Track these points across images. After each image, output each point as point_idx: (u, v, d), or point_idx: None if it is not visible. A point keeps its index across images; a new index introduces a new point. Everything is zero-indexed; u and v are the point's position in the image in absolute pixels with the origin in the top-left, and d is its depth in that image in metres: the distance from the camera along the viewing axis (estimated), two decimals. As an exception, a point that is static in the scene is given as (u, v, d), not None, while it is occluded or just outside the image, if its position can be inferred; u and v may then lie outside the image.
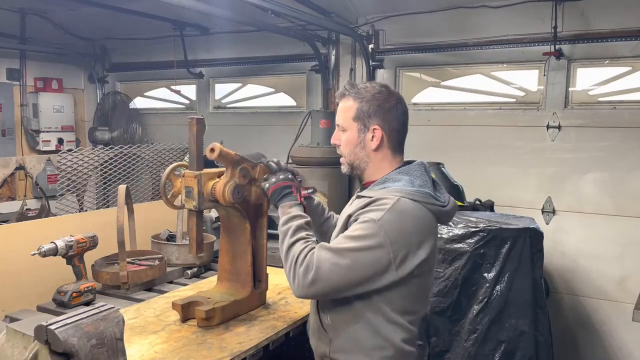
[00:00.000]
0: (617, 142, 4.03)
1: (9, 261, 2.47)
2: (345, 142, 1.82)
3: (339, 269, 1.61)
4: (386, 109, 1.78)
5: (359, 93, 1.79)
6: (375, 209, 1.65)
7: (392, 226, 1.62)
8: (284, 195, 1.86)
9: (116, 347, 1.36)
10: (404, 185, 1.72)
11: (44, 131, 6.14)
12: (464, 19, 4.42)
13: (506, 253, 3.10)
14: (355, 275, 1.62)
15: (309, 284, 1.61)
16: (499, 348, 3.06)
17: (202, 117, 2.00)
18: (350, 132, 1.80)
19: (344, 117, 1.81)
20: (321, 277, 1.60)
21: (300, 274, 1.62)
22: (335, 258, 1.61)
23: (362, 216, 1.66)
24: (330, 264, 1.61)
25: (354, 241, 1.62)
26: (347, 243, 1.63)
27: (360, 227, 1.64)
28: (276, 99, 5.78)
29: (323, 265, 1.61)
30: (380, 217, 1.62)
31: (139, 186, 4.41)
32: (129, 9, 4.95)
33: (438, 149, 4.45)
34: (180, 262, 2.82)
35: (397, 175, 1.76)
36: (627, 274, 4.07)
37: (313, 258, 1.62)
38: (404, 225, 1.64)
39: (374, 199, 1.69)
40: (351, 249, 1.62)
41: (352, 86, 1.82)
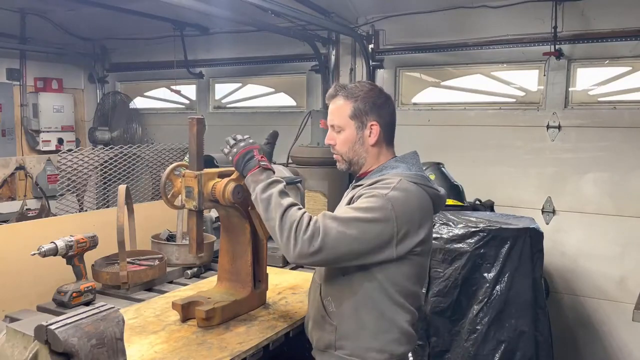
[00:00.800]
0: (617, 142, 4.03)
1: (9, 261, 2.47)
2: (343, 140, 1.86)
3: (346, 239, 1.62)
4: (379, 105, 1.85)
5: (352, 92, 1.84)
6: (382, 187, 1.70)
7: (398, 202, 1.67)
8: (247, 160, 1.82)
9: (116, 347, 1.35)
10: (402, 170, 1.80)
11: (44, 131, 6.14)
12: (464, 19, 4.42)
13: (506, 253, 3.10)
14: (360, 246, 1.65)
15: (314, 251, 1.60)
16: (499, 348, 3.06)
17: (202, 117, 1.99)
18: (348, 131, 1.84)
19: (340, 117, 1.85)
20: (327, 245, 1.61)
21: (305, 241, 1.60)
22: (343, 227, 1.63)
23: (369, 191, 1.70)
24: (337, 232, 1.62)
25: (362, 212, 1.65)
26: (354, 213, 1.66)
27: (368, 200, 1.67)
28: (276, 99, 5.78)
29: (330, 233, 1.61)
30: (387, 192, 1.67)
31: (139, 186, 4.41)
32: (129, 9, 4.95)
33: (438, 149, 4.45)
34: (180, 262, 2.82)
35: (394, 163, 1.84)
36: (627, 274, 4.07)
37: (318, 225, 1.62)
38: (409, 202, 1.70)
39: (374, 180, 1.76)
40: (359, 219, 1.64)
41: (342, 86, 1.88)
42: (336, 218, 1.65)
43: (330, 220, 1.64)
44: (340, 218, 1.65)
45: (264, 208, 1.71)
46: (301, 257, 1.62)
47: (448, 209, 3.46)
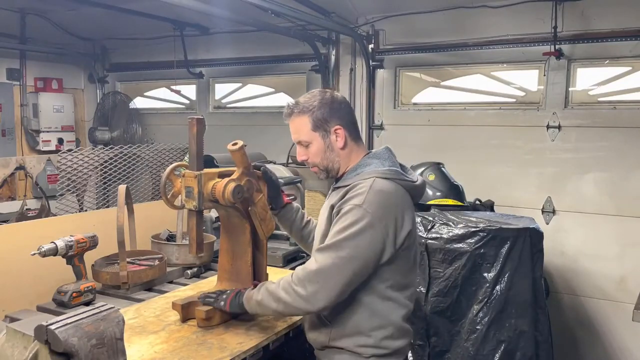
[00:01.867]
0: (617, 142, 4.03)
1: (9, 261, 2.47)
2: (315, 153, 1.91)
3: (342, 261, 1.67)
4: (336, 108, 1.89)
5: (306, 106, 1.89)
6: (355, 195, 1.74)
7: (375, 206, 1.71)
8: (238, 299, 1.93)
9: (116, 347, 1.36)
10: (375, 166, 1.84)
11: (44, 131, 6.14)
12: (464, 19, 4.42)
13: (506, 253, 3.10)
14: (359, 263, 1.69)
15: (314, 291, 1.67)
16: (499, 348, 3.06)
17: (202, 117, 1.99)
18: (315, 143, 1.89)
19: (304, 133, 1.90)
20: (328, 275, 1.66)
21: (303, 292, 1.69)
22: (335, 253, 1.68)
23: (344, 206, 1.74)
24: (331, 261, 1.67)
25: (346, 230, 1.69)
26: (339, 235, 1.70)
27: (347, 217, 1.71)
28: (276, 99, 5.78)
29: (325, 265, 1.67)
30: (362, 200, 1.71)
31: (139, 186, 4.41)
32: (129, 9, 4.95)
33: (438, 149, 4.45)
34: (180, 262, 2.82)
35: (367, 160, 1.89)
36: (627, 274, 4.07)
37: (305, 270, 1.71)
38: (385, 201, 1.75)
39: (350, 186, 1.80)
40: (346, 238, 1.68)
41: (295, 103, 1.92)
42: (325, 248, 1.71)
43: (320, 254, 1.71)
44: (328, 245, 1.71)
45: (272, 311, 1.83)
46: (320, 301, 1.68)
47: (448, 209, 3.46)
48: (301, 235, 2.20)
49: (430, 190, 3.70)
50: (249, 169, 2.04)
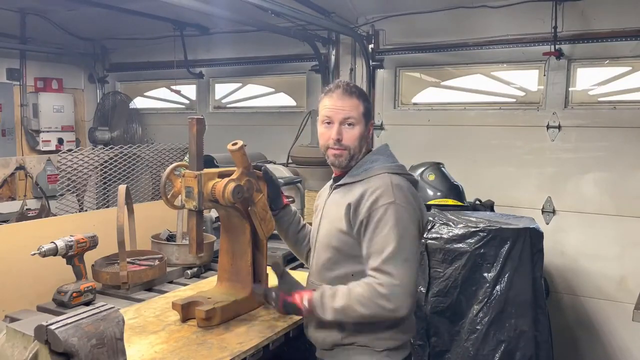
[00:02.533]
0: (618, 142, 4.03)
1: (9, 261, 2.47)
2: (355, 136, 1.91)
3: (410, 263, 1.74)
4: None
5: (362, 93, 1.97)
6: (381, 194, 1.79)
7: (404, 199, 1.80)
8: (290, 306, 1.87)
9: (116, 347, 1.36)
10: (382, 163, 1.91)
11: (44, 131, 6.14)
12: (464, 19, 4.42)
13: (506, 253, 3.10)
14: (417, 257, 1.81)
15: (400, 295, 1.70)
16: (499, 348, 3.06)
17: (202, 117, 1.99)
18: (359, 127, 1.92)
19: (357, 113, 1.92)
20: (407, 284, 1.71)
21: (389, 305, 1.69)
22: (401, 257, 1.72)
23: (375, 207, 1.77)
24: (404, 269, 1.72)
25: (396, 230, 1.74)
26: (394, 238, 1.73)
27: (387, 217, 1.75)
28: (276, 99, 5.78)
29: (403, 274, 1.71)
30: (393, 196, 1.77)
31: (139, 186, 4.41)
32: (129, 9, 4.95)
33: (438, 149, 4.45)
34: (180, 262, 2.82)
35: (372, 156, 1.95)
36: (627, 274, 4.07)
37: (383, 280, 1.71)
38: (409, 195, 1.84)
39: (363, 182, 1.85)
40: (402, 237, 1.74)
41: (355, 86, 1.97)
42: (391, 259, 1.72)
43: (391, 266, 1.71)
44: (393, 254, 1.72)
45: (347, 318, 1.78)
46: (404, 308, 1.71)
47: (448, 209, 3.46)
48: (296, 238, 2.19)
49: (431, 190, 3.70)
50: (249, 169, 2.04)
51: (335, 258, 1.89)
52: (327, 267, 1.91)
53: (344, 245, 1.86)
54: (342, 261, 1.88)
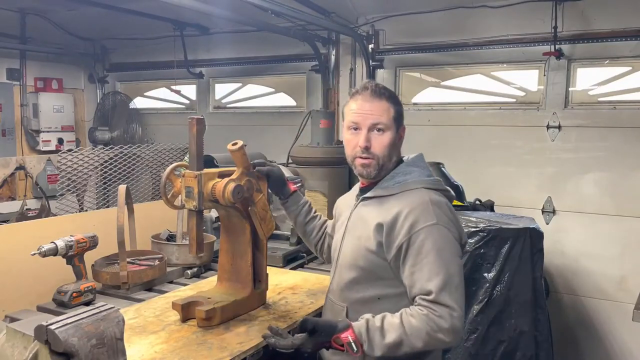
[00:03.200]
0: (617, 142, 4.03)
1: (9, 261, 2.47)
2: (385, 143, 1.77)
3: (460, 289, 1.62)
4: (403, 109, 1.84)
5: (392, 94, 1.81)
6: (420, 214, 1.65)
7: (446, 219, 1.68)
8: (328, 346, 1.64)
9: (116, 347, 1.35)
10: (419, 176, 1.77)
11: (44, 131, 6.14)
12: (464, 19, 4.42)
13: (506, 253, 3.10)
14: (462, 271, 1.67)
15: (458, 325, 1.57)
16: (499, 348, 3.06)
17: (202, 117, 1.99)
18: (390, 133, 1.78)
19: (387, 118, 1.77)
20: (460, 312, 1.59)
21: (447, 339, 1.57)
22: (452, 283, 1.60)
23: (415, 230, 1.64)
24: (456, 296, 1.59)
25: (443, 254, 1.62)
26: (442, 264, 1.60)
27: (430, 240, 1.62)
28: (276, 99, 5.78)
29: (457, 304, 1.58)
30: (434, 217, 1.65)
31: (139, 186, 4.41)
32: (129, 9, 4.95)
33: (438, 149, 4.44)
34: (180, 262, 2.82)
35: (406, 168, 1.80)
36: (627, 274, 4.07)
37: (441, 312, 1.56)
38: (450, 213, 1.71)
39: (396, 197, 1.72)
40: (450, 262, 1.62)
41: (384, 87, 1.82)
42: (443, 287, 1.58)
43: (446, 296, 1.57)
44: (445, 283, 1.58)
45: (397, 353, 1.60)
46: (460, 335, 1.61)
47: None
48: (304, 230, 2.16)
49: (431, 190, 3.70)
50: (249, 169, 2.04)
51: (360, 279, 1.75)
52: (351, 287, 1.78)
53: (371, 265, 1.72)
54: (368, 283, 1.74)
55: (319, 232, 2.17)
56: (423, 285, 1.59)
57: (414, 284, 1.62)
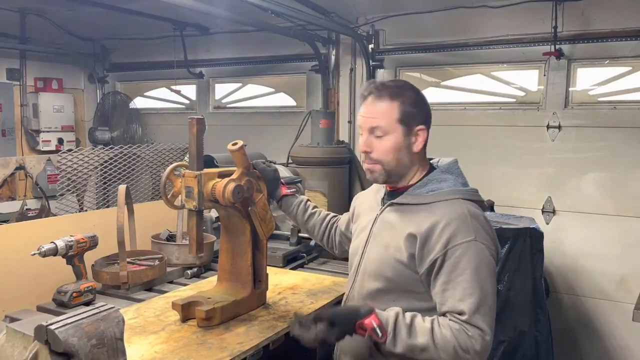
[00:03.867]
0: (617, 142, 4.03)
1: (9, 261, 2.47)
2: (388, 148, 1.64)
3: (492, 308, 1.54)
4: (424, 104, 1.68)
5: (398, 92, 1.64)
6: (458, 228, 1.55)
7: (484, 233, 1.58)
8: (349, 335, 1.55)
9: (116, 347, 1.35)
10: (453, 185, 1.66)
11: (44, 131, 6.14)
12: (464, 19, 4.42)
13: (506, 253, 3.10)
14: (496, 294, 1.58)
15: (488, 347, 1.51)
16: (499, 348, 3.06)
17: (202, 117, 1.99)
18: (394, 136, 1.64)
19: (386, 120, 1.63)
20: (491, 333, 1.51)
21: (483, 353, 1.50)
22: (486, 303, 1.51)
23: (452, 244, 1.53)
24: (489, 317, 1.51)
25: (480, 273, 1.52)
26: (478, 283, 1.51)
27: (468, 257, 1.52)
28: (276, 99, 5.78)
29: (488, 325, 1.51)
30: (472, 232, 1.55)
31: (139, 186, 4.41)
32: (129, 9, 4.95)
33: (438, 149, 4.40)
34: (180, 262, 2.82)
35: (440, 175, 1.69)
36: (627, 274, 4.07)
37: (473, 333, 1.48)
38: (487, 227, 1.61)
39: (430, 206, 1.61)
40: (485, 282, 1.53)
41: (384, 85, 1.66)
42: (476, 309, 1.49)
43: (478, 318, 1.49)
44: (479, 303, 1.50)
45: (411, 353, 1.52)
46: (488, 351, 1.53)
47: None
48: (306, 228, 2.16)
49: (430, 190, 3.70)
50: (249, 169, 2.04)
51: (386, 290, 1.65)
52: (375, 298, 1.66)
53: (400, 277, 1.62)
54: (394, 295, 1.64)
55: (321, 227, 2.15)
56: (455, 304, 1.51)
57: (445, 301, 1.53)
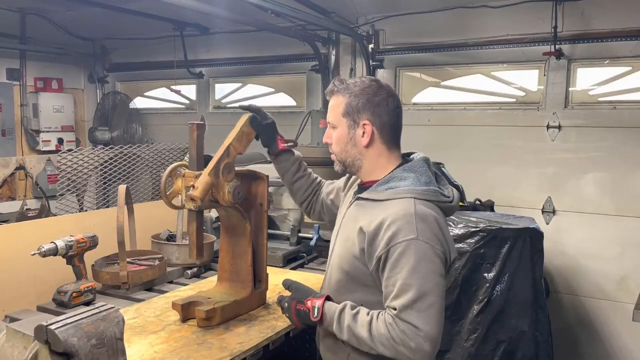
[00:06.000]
0: (617, 142, 4.03)
1: (9, 261, 2.47)
2: (336, 140, 1.76)
3: (436, 308, 1.54)
4: (376, 102, 1.70)
5: (348, 88, 1.73)
6: (402, 227, 1.56)
7: (429, 234, 1.57)
8: (304, 314, 1.71)
9: (116, 347, 1.35)
10: (412, 184, 1.66)
11: (44, 131, 6.14)
12: (464, 19, 4.42)
13: (506, 253, 3.10)
14: (442, 295, 1.58)
15: (425, 346, 1.53)
16: (499, 348, 3.06)
17: (202, 122, 2.00)
18: (340, 129, 1.74)
19: (334, 114, 1.76)
20: (432, 331, 1.53)
21: (409, 354, 1.52)
22: (426, 303, 1.52)
23: (394, 243, 1.56)
24: (429, 316, 1.52)
25: (418, 271, 1.53)
26: (417, 281, 1.53)
27: (409, 255, 1.54)
28: (276, 99, 5.78)
29: (425, 323, 1.52)
30: (415, 231, 1.55)
31: (139, 186, 4.41)
32: (129, 9, 4.95)
33: (438, 149, 4.44)
34: (180, 262, 2.81)
35: (402, 173, 1.69)
36: (627, 274, 4.07)
37: (405, 328, 1.51)
38: (434, 228, 1.60)
39: (384, 205, 1.63)
40: (426, 279, 1.53)
41: (340, 82, 1.76)
42: (412, 304, 1.51)
43: (409, 313, 1.51)
44: (414, 300, 1.51)
45: (355, 343, 1.61)
46: (428, 353, 1.55)
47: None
48: (291, 188, 2.15)
49: (430, 190, 3.70)
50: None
51: (345, 282, 1.73)
52: (338, 290, 1.75)
53: (355, 271, 1.69)
54: (352, 287, 1.71)
55: (307, 191, 2.13)
56: (391, 301, 1.55)
57: (387, 297, 1.58)
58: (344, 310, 1.63)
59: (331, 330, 1.65)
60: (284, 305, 1.77)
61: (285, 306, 1.77)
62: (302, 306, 1.71)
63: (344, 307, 1.64)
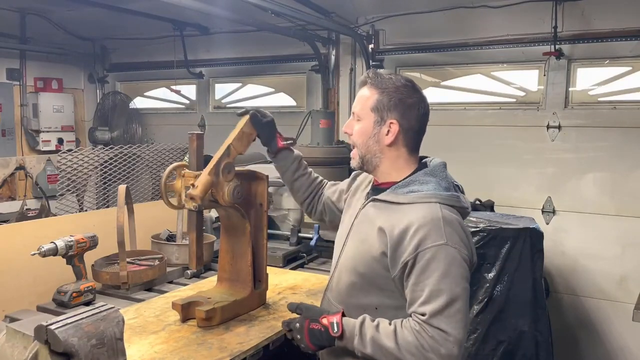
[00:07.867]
0: (617, 142, 4.03)
1: (9, 261, 2.47)
2: (359, 131, 1.72)
3: (462, 313, 1.53)
4: (407, 105, 1.69)
5: (382, 83, 1.70)
6: (429, 232, 1.54)
7: (457, 239, 1.57)
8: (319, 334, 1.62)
9: (116, 347, 1.35)
10: (435, 189, 1.64)
11: (44, 131, 6.14)
12: (464, 19, 4.42)
13: (506, 253, 3.10)
14: (468, 298, 1.58)
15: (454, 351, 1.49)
16: (499, 348, 3.06)
17: (202, 133, 2.03)
18: (365, 122, 1.71)
19: (362, 106, 1.72)
20: (459, 337, 1.50)
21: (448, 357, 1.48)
22: (454, 308, 1.51)
23: (423, 247, 1.53)
24: (457, 322, 1.50)
25: (448, 276, 1.52)
26: (446, 287, 1.52)
27: (438, 261, 1.52)
28: (276, 99, 5.78)
29: (455, 329, 1.49)
30: (444, 236, 1.54)
31: (139, 186, 4.41)
32: (129, 9, 4.95)
33: (438, 148, 4.40)
34: (180, 262, 2.82)
35: (424, 177, 1.68)
36: (627, 274, 4.07)
37: (436, 335, 1.48)
38: (461, 233, 1.60)
39: (406, 207, 1.61)
40: (456, 284, 1.53)
41: (376, 74, 1.73)
42: (441, 311, 1.49)
43: (443, 321, 1.49)
44: (444, 306, 1.50)
45: (380, 355, 1.54)
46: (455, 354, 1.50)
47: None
48: (291, 187, 2.13)
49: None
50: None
51: (359, 285, 1.69)
52: (349, 292, 1.71)
53: (372, 273, 1.65)
54: (366, 290, 1.67)
55: (307, 190, 2.12)
56: (420, 306, 1.52)
57: (413, 303, 1.55)
58: (364, 322, 1.57)
59: (351, 346, 1.57)
60: (294, 327, 1.67)
61: (296, 327, 1.66)
62: (317, 325, 1.62)
63: (364, 319, 1.58)
